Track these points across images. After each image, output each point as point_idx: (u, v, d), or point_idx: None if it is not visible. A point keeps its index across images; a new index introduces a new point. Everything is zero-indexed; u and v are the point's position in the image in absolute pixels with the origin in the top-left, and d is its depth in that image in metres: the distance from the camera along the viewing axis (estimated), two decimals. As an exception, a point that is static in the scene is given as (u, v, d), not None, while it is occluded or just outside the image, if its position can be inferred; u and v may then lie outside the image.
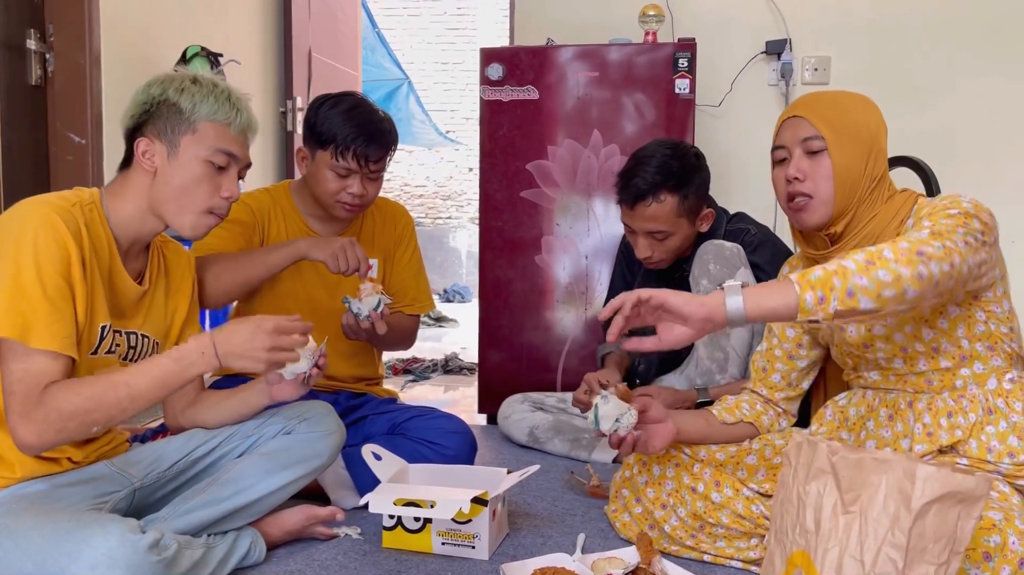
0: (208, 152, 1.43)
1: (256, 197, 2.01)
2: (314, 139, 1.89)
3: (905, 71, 3.12)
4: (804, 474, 1.14)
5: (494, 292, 2.84)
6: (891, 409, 1.48)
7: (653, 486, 1.66)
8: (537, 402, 2.54)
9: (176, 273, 1.60)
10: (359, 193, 1.89)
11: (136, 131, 1.44)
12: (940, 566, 1.02)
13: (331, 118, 1.86)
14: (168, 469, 1.54)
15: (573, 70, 2.74)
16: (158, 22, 3.09)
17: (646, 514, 1.67)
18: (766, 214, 3.17)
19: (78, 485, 1.40)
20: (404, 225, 2.15)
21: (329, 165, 1.87)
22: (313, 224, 2.03)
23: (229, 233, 1.89)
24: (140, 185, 1.44)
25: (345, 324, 1.86)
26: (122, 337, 1.46)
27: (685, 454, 1.65)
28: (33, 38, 2.53)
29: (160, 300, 1.55)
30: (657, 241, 2.08)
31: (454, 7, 8.69)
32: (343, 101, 1.90)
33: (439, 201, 8.84)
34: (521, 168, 2.78)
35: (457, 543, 1.62)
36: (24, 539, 1.23)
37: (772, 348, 1.67)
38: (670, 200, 2.03)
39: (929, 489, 1.01)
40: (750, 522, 1.57)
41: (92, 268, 1.36)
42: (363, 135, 1.85)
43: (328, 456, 1.62)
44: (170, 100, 1.42)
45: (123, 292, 1.45)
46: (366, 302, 1.77)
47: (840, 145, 1.43)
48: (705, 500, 1.60)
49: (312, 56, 4.18)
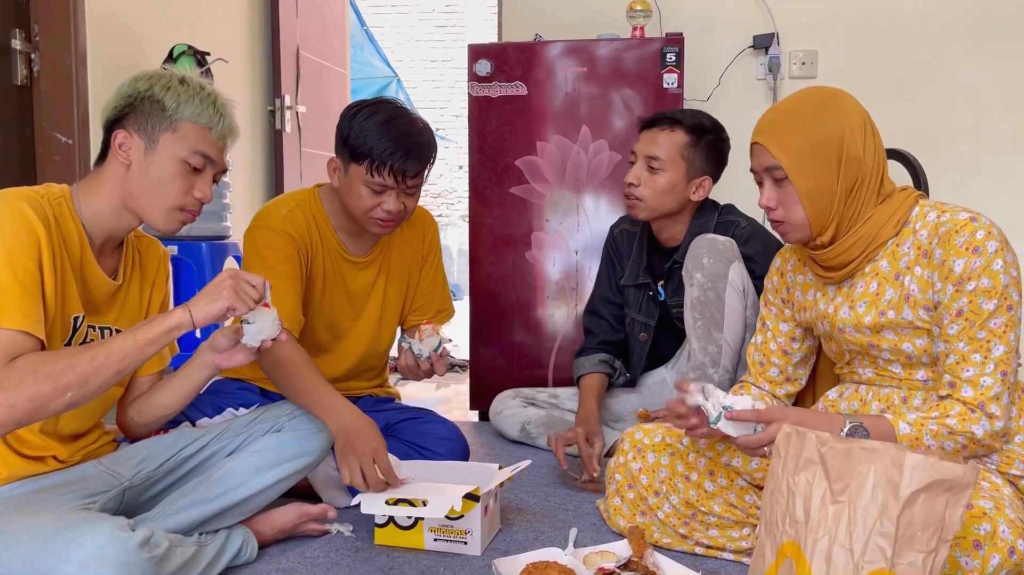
0: (185, 152, 1.42)
1: (295, 222, 1.86)
2: (348, 152, 1.76)
3: (892, 64, 3.13)
4: (793, 465, 1.14)
5: (485, 289, 2.84)
6: (884, 403, 1.48)
7: (647, 473, 1.67)
8: (529, 398, 2.54)
9: (151, 268, 1.59)
10: (395, 210, 1.78)
11: (116, 123, 1.43)
12: (929, 554, 1.03)
13: (366, 130, 1.73)
14: (157, 468, 1.53)
15: (561, 66, 2.74)
16: (144, 21, 3.07)
17: (639, 499, 1.68)
18: (754, 205, 3.17)
19: (66, 486, 1.40)
20: (432, 236, 2.11)
21: (363, 180, 1.75)
22: (345, 240, 1.94)
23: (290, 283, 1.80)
24: (113, 178, 1.42)
25: (403, 366, 1.79)
26: (96, 332, 1.45)
27: (681, 443, 1.66)
28: (18, 38, 2.51)
29: (135, 295, 1.55)
30: (649, 171, 2.12)
31: (442, 4, 8.67)
32: (380, 110, 1.77)
33: (429, 199, 8.82)
34: (510, 164, 2.78)
35: (449, 539, 1.62)
36: (13, 540, 1.22)
37: (767, 342, 1.67)
38: (681, 135, 2.12)
39: (917, 477, 1.02)
40: (742, 511, 1.58)
41: (62, 258, 1.35)
42: (400, 150, 1.72)
43: (319, 453, 1.62)
44: (155, 96, 1.41)
45: (96, 287, 1.44)
46: (427, 343, 1.74)
47: (801, 169, 1.42)
48: (698, 489, 1.61)
49: (300, 54, 4.17)
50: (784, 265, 1.66)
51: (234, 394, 1.94)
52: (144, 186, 1.41)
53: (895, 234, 1.44)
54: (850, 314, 1.48)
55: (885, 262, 1.45)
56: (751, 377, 1.69)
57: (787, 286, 1.64)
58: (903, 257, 1.43)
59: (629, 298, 2.34)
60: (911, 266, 1.41)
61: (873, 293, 1.45)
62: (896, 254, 1.44)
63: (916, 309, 1.40)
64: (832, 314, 1.51)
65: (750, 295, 2.05)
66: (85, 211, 1.42)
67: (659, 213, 2.16)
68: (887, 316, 1.42)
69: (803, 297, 1.60)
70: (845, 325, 1.49)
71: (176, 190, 1.42)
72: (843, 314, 1.49)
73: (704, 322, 2.05)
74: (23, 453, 1.39)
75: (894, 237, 1.44)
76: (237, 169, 3.65)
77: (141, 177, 1.41)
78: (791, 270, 1.64)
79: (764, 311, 1.69)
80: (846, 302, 1.49)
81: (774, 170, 1.45)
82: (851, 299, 1.48)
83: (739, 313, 2.04)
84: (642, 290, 2.30)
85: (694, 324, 2.07)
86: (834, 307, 1.51)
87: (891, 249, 1.45)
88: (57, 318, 1.35)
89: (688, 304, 2.08)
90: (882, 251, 1.45)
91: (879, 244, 1.45)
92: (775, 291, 1.67)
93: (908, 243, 1.43)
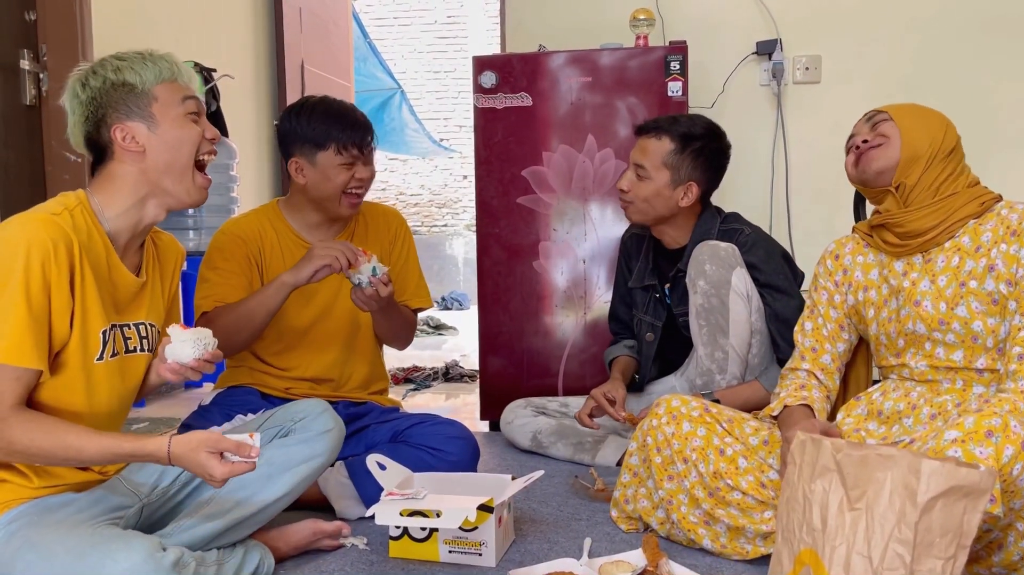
0: (181, 108, 1.44)
1: (240, 223, 2.07)
2: (310, 144, 1.96)
3: (895, 69, 3.13)
4: (809, 472, 1.14)
5: (493, 299, 2.84)
6: (937, 410, 1.47)
7: (680, 439, 1.66)
8: (539, 407, 2.55)
9: (169, 261, 1.60)
10: (367, 176, 2.00)
11: (100, 126, 1.41)
12: (948, 560, 1.03)
13: (317, 120, 1.95)
14: (171, 483, 1.54)
15: (566, 76, 2.75)
16: (151, 39, 3.09)
17: (667, 463, 1.68)
18: (761, 214, 3.18)
19: (93, 501, 1.41)
20: (397, 224, 2.21)
21: (333, 162, 1.95)
22: (306, 234, 2.06)
23: (227, 274, 1.96)
24: (129, 173, 1.42)
25: (354, 299, 1.89)
26: (131, 330, 1.47)
27: (720, 425, 1.66)
28: (26, 58, 2.54)
29: (158, 288, 1.56)
30: (637, 179, 2.15)
31: (445, 16, 8.71)
32: (314, 105, 1.99)
33: (434, 209, 8.84)
34: (517, 175, 2.79)
35: (464, 551, 1.62)
36: (47, 552, 1.25)
37: (818, 328, 1.68)
38: (666, 144, 2.12)
39: (934, 484, 1.02)
40: (770, 491, 1.57)
41: (85, 275, 1.35)
42: (350, 124, 1.96)
43: (327, 454, 1.61)
44: (116, 82, 1.40)
45: (124, 287, 1.45)
46: (363, 270, 1.85)
47: (903, 118, 1.53)
48: (730, 463, 1.62)
49: (305, 68, 4.19)
50: (839, 248, 1.68)
51: (240, 399, 1.98)
52: (168, 157, 1.42)
53: (978, 214, 1.49)
54: (931, 287, 1.50)
55: (967, 238, 1.49)
56: (806, 363, 1.67)
57: (843, 268, 1.66)
58: (986, 234, 1.47)
59: (637, 299, 2.35)
60: (996, 242, 1.45)
61: (955, 267, 1.48)
62: (978, 231, 1.48)
63: (999, 282, 1.43)
64: (910, 287, 1.53)
65: (754, 300, 2.05)
66: (107, 212, 1.42)
67: (650, 217, 2.18)
68: (968, 286, 1.46)
69: (864, 276, 1.62)
70: (924, 298, 1.50)
71: (196, 141, 1.45)
72: (923, 286, 1.51)
73: (709, 329, 2.05)
74: None
75: (976, 218, 1.49)
76: (244, 186, 3.66)
77: (163, 151, 1.42)
78: (849, 252, 1.66)
79: (815, 296, 1.70)
80: (926, 275, 1.51)
81: (876, 116, 1.55)
82: (931, 272, 1.51)
83: (744, 319, 2.04)
84: (649, 291, 2.31)
85: (699, 331, 2.07)
86: (911, 281, 1.53)
87: (973, 227, 1.49)
88: (80, 338, 1.35)
89: (693, 311, 2.08)
90: (963, 228, 1.49)
91: (960, 219, 1.49)
92: (828, 274, 1.68)
93: (991, 223, 1.47)
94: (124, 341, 1.46)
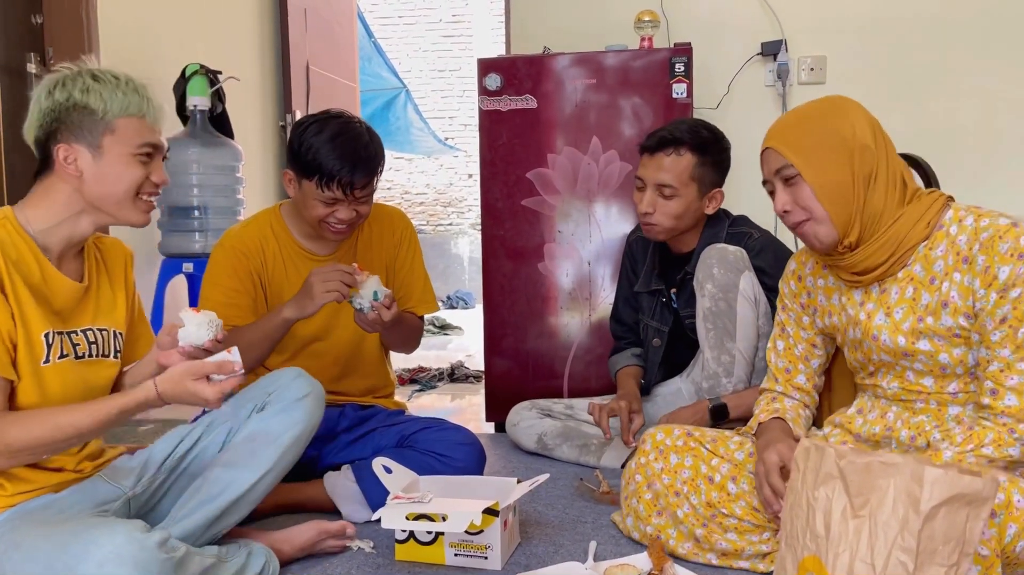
0: (133, 148, 1.42)
1: (241, 235, 2.00)
2: (299, 167, 1.86)
3: (901, 69, 3.13)
4: (813, 479, 1.15)
5: (498, 300, 2.85)
6: (915, 431, 1.44)
7: (669, 474, 1.65)
8: (545, 409, 2.55)
9: (117, 267, 1.60)
10: (348, 219, 1.87)
11: (49, 138, 1.42)
12: (950, 568, 1.03)
13: (315, 146, 1.82)
14: (157, 472, 1.56)
15: (570, 78, 2.75)
16: (156, 42, 3.11)
17: (656, 499, 1.66)
18: (766, 215, 3.16)
19: (78, 499, 1.43)
20: (403, 229, 2.15)
21: (314, 195, 1.85)
22: (307, 244, 2.03)
23: (231, 293, 1.94)
24: (64, 191, 1.42)
25: (358, 322, 1.88)
26: (79, 336, 1.47)
27: (704, 447, 1.65)
28: (33, 62, 2.55)
29: (106, 292, 1.56)
30: (663, 198, 2.11)
31: (449, 15, 8.71)
32: (327, 126, 1.85)
33: (440, 208, 8.85)
34: (521, 176, 2.79)
35: (470, 554, 1.63)
36: (32, 548, 1.26)
37: (790, 347, 1.64)
38: (688, 157, 2.10)
39: (937, 492, 1.02)
40: (765, 515, 1.56)
41: (16, 284, 1.36)
42: (347, 165, 1.81)
43: (307, 420, 1.61)
44: (79, 103, 1.39)
45: (64, 294, 1.45)
46: (364, 294, 1.81)
47: (811, 165, 1.40)
48: (721, 491, 1.60)
49: (310, 69, 4.20)
50: (801, 268, 1.62)
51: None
52: (105, 190, 1.42)
53: (926, 237, 1.41)
54: (886, 320, 1.44)
55: (919, 266, 1.41)
56: (779, 386, 1.65)
57: (807, 290, 1.61)
58: (937, 261, 1.39)
59: (643, 304, 2.35)
60: (949, 271, 1.37)
61: (910, 298, 1.41)
62: (929, 258, 1.40)
63: (956, 316, 1.36)
64: (865, 320, 1.47)
65: (762, 304, 2.05)
66: (35, 226, 1.42)
67: (678, 232, 2.17)
68: (926, 322, 1.39)
69: (827, 301, 1.57)
70: (880, 332, 1.44)
71: (135, 182, 1.43)
72: (878, 320, 1.45)
73: (716, 332, 2.05)
74: (43, 466, 1.43)
75: (925, 240, 1.41)
76: (250, 188, 3.68)
77: (99, 183, 1.41)
78: (810, 273, 1.61)
79: (783, 316, 1.66)
80: (880, 308, 1.45)
81: (784, 170, 1.43)
82: (886, 305, 1.44)
83: (751, 323, 2.04)
84: (655, 296, 2.31)
85: (706, 334, 2.07)
86: (867, 313, 1.47)
87: (923, 253, 1.41)
88: (23, 343, 1.37)
89: (700, 314, 2.08)
90: (914, 255, 1.42)
91: (910, 247, 1.41)
92: (793, 296, 1.64)
93: (942, 247, 1.39)
94: (73, 347, 1.46)
